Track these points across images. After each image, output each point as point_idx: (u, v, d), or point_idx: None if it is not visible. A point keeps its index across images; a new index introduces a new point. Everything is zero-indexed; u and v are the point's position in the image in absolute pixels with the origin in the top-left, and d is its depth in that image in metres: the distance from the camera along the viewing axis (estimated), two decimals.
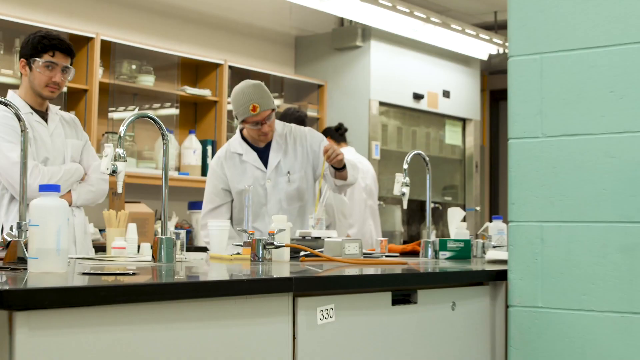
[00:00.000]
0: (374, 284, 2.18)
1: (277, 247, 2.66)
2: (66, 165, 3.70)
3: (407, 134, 7.89)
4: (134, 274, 2.11)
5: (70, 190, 3.73)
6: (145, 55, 6.28)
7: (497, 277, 2.59)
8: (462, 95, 8.38)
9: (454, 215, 3.51)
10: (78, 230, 3.80)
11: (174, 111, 6.51)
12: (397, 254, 3.65)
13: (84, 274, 2.09)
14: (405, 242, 8.02)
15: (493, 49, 8.22)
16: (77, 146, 3.80)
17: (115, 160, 2.56)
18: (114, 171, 2.57)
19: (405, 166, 3.38)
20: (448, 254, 3.32)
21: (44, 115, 3.73)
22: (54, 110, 3.80)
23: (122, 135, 2.61)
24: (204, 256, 3.20)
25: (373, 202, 6.28)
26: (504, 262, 2.73)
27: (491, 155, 10.01)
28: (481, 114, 8.87)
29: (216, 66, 6.64)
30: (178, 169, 6.42)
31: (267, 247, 2.67)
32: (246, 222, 3.17)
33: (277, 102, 7.29)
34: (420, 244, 4.07)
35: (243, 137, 3.99)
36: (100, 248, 5.21)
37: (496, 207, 9.90)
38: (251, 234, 2.80)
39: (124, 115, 6.39)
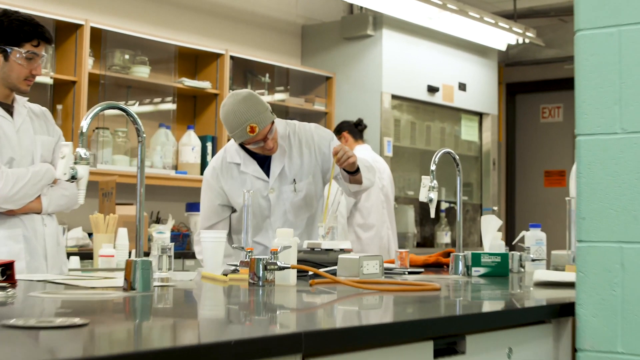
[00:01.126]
0: (412, 333, 1.65)
1: (281, 268, 2.17)
2: (35, 167, 3.19)
3: (421, 130, 7.42)
4: (80, 325, 1.51)
5: (40, 196, 3.21)
6: (140, 44, 5.81)
7: (561, 312, 2.05)
8: (479, 88, 7.91)
9: (489, 223, 3.02)
10: (49, 243, 3.29)
11: (171, 105, 6.02)
12: (421, 269, 3.16)
13: None
14: (418, 245, 7.58)
15: (512, 39, 7.73)
16: (48, 144, 3.27)
17: (75, 163, 2.05)
18: (74, 177, 2.07)
19: (433, 167, 2.89)
20: (482, 270, 2.84)
21: (9, 108, 3.21)
22: (21, 102, 3.26)
23: (84, 131, 2.12)
24: (194, 276, 2.71)
25: (390, 205, 5.84)
26: (557, 285, 2.25)
27: (507, 152, 9.52)
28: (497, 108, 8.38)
29: (217, 56, 6.17)
30: (175, 167, 5.94)
31: (268, 267, 2.18)
32: (244, 237, 2.68)
33: (282, 95, 6.81)
34: (444, 254, 3.60)
35: (240, 144, 3.49)
36: (87, 255, 4.73)
37: (512, 207, 9.42)
38: (249, 252, 2.29)
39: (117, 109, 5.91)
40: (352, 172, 3.34)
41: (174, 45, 5.94)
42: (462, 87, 7.68)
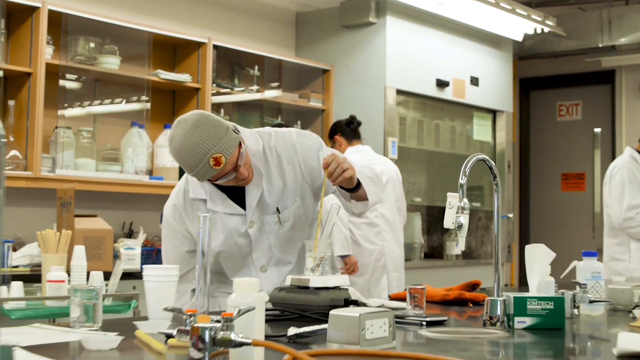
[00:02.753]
0: None
1: (238, 344, 1.39)
2: None
3: (429, 129, 6.67)
4: None
5: None
6: (108, 30, 5.06)
7: None
8: (493, 83, 7.17)
9: (536, 255, 2.25)
10: None
11: (145, 101, 5.25)
12: (444, 317, 2.40)
13: None
14: (426, 256, 6.86)
15: (529, 28, 6.98)
16: None
17: None
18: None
19: (463, 180, 2.12)
20: (528, 320, 2.08)
21: None
22: None
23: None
24: (116, 343, 1.86)
25: (399, 216, 5.14)
26: None
27: (521, 154, 8.77)
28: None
29: (198, 45, 5.42)
30: (150, 172, 5.19)
31: (218, 342, 1.40)
32: (198, 289, 1.89)
33: (274, 93, 6.05)
34: (467, 287, 2.84)
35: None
36: (39, 278, 3.97)
37: (527, 213, 8.66)
38: (191, 317, 1.49)
39: (80, 106, 5.16)
40: (352, 189, 2.58)
41: (148, 33, 5.18)
42: (475, 81, 6.94)
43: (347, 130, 5.07)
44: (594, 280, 2.46)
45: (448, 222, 2.04)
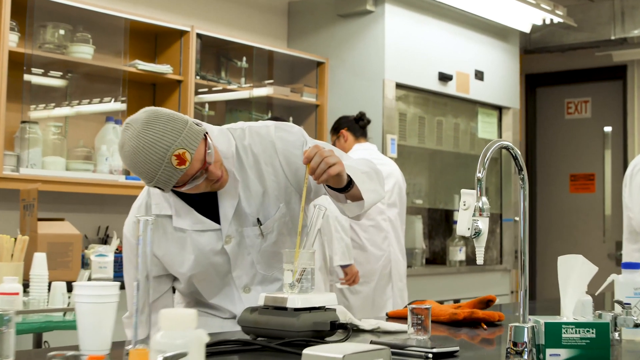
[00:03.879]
0: None
1: None
2: None
3: (431, 126, 6.24)
4: None
5: None
6: (80, 16, 4.61)
7: None
8: (498, 78, 6.75)
9: (572, 269, 1.79)
10: None
11: (121, 94, 4.81)
12: (455, 347, 1.96)
13: None
14: (427, 262, 6.43)
15: (538, 18, 6.54)
16: None
17: None
18: None
19: (482, 174, 1.67)
20: (564, 353, 1.64)
21: None
22: None
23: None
24: None
25: (400, 222, 4.80)
26: None
27: (527, 153, 8.33)
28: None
29: (180, 34, 4.99)
30: (127, 171, 4.74)
31: None
32: (135, 320, 1.44)
33: (265, 90, 5.63)
34: (480, 304, 2.41)
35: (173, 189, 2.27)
36: None
37: (533, 216, 8.21)
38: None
39: (49, 100, 4.73)
40: (342, 189, 2.14)
41: (125, 19, 4.75)
42: (479, 75, 6.51)
43: (356, 127, 4.86)
44: (637, 298, 2.02)
45: (462, 227, 1.60)
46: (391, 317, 2.47)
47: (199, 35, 5.05)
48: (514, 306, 3.48)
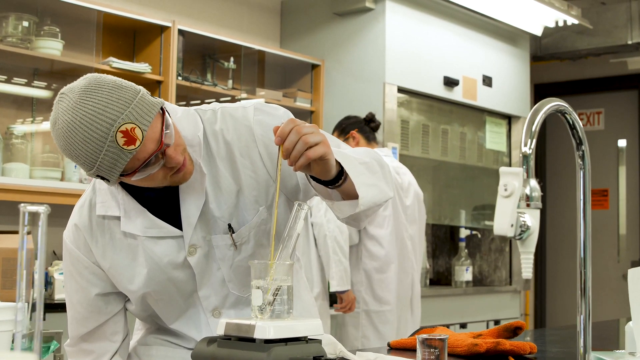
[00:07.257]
0: None
1: None
2: None
3: (436, 134, 5.80)
4: None
5: None
6: (48, 8, 4.20)
7: None
8: (508, 84, 6.32)
9: None
10: None
11: None
12: None
13: None
14: (432, 282, 5.99)
15: (550, 20, 6.11)
16: None
17: None
18: None
19: (528, 148, 1.15)
20: None
21: None
22: None
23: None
24: None
25: (418, 237, 4.42)
26: None
27: (536, 168, 7.87)
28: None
29: (160, 30, 4.55)
30: None
31: None
32: None
33: (254, 90, 5.18)
34: (506, 331, 1.93)
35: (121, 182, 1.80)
36: None
37: (542, 235, 7.75)
38: None
39: (12, 100, 4.28)
40: (331, 182, 1.67)
41: (98, 11, 4.31)
42: (488, 81, 6.07)
43: (366, 129, 4.37)
44: None
45: (503, 223, 1.13)
46: (394, 348, 2.00)
47: (181, 32, 4.62)
48: (533, 333, 3.02)
